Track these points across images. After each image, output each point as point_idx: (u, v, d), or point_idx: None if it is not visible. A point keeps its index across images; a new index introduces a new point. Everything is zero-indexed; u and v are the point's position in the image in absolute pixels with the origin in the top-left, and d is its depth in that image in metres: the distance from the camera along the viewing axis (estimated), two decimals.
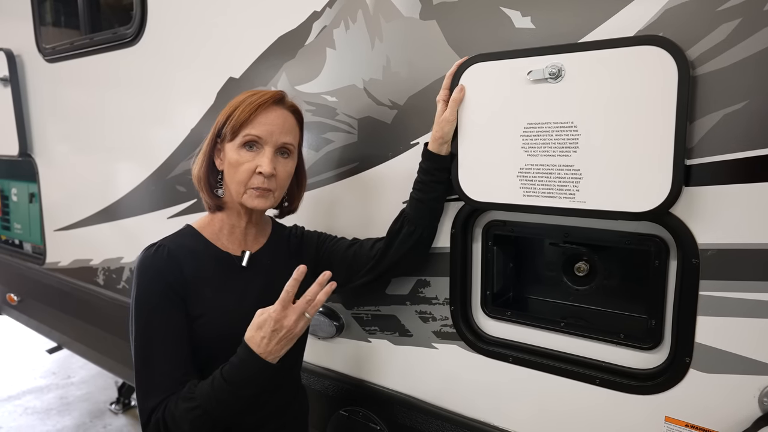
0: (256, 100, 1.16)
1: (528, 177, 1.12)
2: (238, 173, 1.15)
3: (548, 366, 1.21)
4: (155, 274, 1.11)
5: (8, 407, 3.47)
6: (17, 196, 3.02)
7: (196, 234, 1.22)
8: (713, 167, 0.96)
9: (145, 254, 1.13)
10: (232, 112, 1.16)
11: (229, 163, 1.16)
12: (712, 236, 0.98)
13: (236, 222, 1.23)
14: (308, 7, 1.47)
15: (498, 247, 1.29)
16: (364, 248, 1.35)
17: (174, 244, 1.16)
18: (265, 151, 1.15)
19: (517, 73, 1.10)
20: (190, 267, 1.14)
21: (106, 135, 2.28)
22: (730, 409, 1.00)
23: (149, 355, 1.09)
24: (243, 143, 1.15)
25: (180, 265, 1.13)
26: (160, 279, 1.11)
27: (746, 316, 0.96)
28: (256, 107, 1.15)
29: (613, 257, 1.20)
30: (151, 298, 1.10)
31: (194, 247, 1.18)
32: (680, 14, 0.96)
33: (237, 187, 1.16)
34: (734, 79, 0.92)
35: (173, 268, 1.12)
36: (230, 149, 1.16)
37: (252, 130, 1.14)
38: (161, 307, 1.10)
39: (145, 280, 1.11)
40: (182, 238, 1.20)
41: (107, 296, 2.38)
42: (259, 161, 1.15)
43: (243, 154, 1.15)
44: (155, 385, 1.07)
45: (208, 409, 1.02)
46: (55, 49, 2.45)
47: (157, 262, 1.12)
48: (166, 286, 1.10)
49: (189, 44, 1.86)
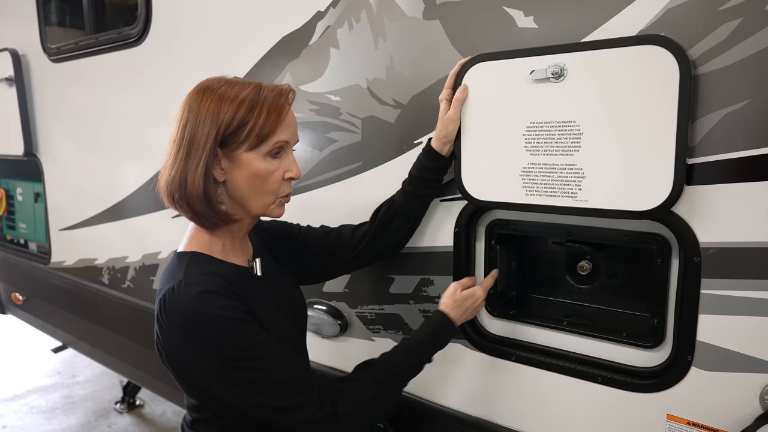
0: (279, 101, 1.00)
1: (530, 176, 1.12)
2: (268, 184, 1.01)
3: (551, 364, 1.22)
4: (224, 300, 0.96)
5: (13, 406, 3.49)
6: (22, 195, 3.03)
7: (209, 259, 1.05)
8: (715, 166, 0.96)
9: (195, 293, 0.94)
10: (247, 116, 0.97)
11: (252, 175, 1.00)
12: (714, 235, 0.98)
13: (236, 234, 1.10)
14: (312, 7, 1.48)
15: (501, 246, 1.30)
16: (343, 236, 1.33)
17: (212, 275, 1.00)
18: (288, 154, 1.04)
19: (520, 72, 1.10)
20: (237, 294, 1.00)
21: (111, 135, 2.30)
22: (731, 407, 1.00)
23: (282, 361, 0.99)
24: (271, 151, 1.00)
25: (233, 292, 0.99)
26: (232, 301, 0.97)
27: (747, 315, 0.97)
28: (282, 109, 1.01)
29: (615, 256, 1.21)
30: (241, 322, 0.96)
31: (222, 273, 1.02)
32: (682, 14, 0.96)
33: (265, 198, 1.03)
34: (735, 78, 0.93)
35: (232, 292, 0.98)
36: (252, 159, 0.99)
37: (281, 135, 1.01)
38: (254, 324, 0.99)
39: (219, 312, 0.94)
40: (199, 268, 1.01)
41: (112, 295, 2.39)
42: (285, 166, 1.03)
43: (271, 163, 1.01)
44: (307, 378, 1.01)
45: (394, 372, 1.11)
46: (60, 49, 2.46)
47: (219, 286, 0.97)
48: (243, 305, 0.99)
49: (193, 44, 1.87)
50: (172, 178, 1.00)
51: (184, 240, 1.09)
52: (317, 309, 1.59)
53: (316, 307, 1.59)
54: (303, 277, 1.32)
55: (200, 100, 0.99)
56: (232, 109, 0.97)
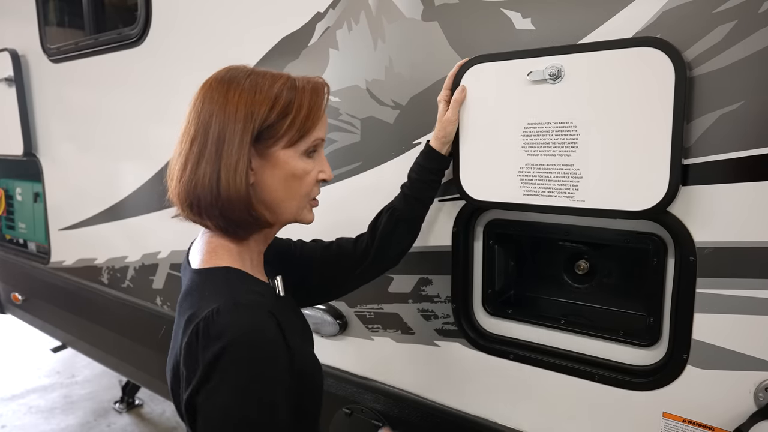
0: (320, 96, 0.93)
1: (528, 176, 1.13)
2: (304, 185, 0.93)
3: (548, 363, 1.23)
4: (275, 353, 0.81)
5: (12, 406, 3.49)
6: (22, 195, 3.04)
7: (249, 277, 0.91)
8: (710, 167, 0.97)
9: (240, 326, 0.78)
10: (286, 109, 0.88)
11: (289, 175, 0.91)
12: (709, 234, 0.99)
13: (260, 245, 0.99)
14: (311, 8, 1.49)
15: (499, 246, 1.31)
16: (345, 248, 1.22)
17: (256, 297, 0.85)
18: (321, 155, 0.97)
19: (518, 73, 1.11)
20: (283, 324, 0.84)
21: (111, 135, 2.30)
22: (726, 405, 1.02)
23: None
24: (308, 149, 0.92)
25: (282, 327, 0.83)
26: (281, 358, 0.82)
27: (742, 313, 0.98)
28: (322, 103, 0.94)
29: (612, 255, 1.22)
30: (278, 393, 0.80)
31: (268, 295, 0.91)
32: (677, 16, 0.97)
33: (300, 201, 0.94)
34: (730, 80, 0.94)
35: (281, 335, 0.82)
36: (289, 157, 0.90)
37: (320, 132, 0.94)
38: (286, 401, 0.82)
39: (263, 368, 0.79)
40: (246, 285, 0.88)
41: (112, 295, 2.39)
42: (320, 167, 0.96)
43: (307, 162, 0.93)
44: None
45: None
46: (59, 50, 2.47)
47: (268, 332, 0.80)
48: (287, 367, 0.83)
49: (193, 45, 1.88)
50: (195, 182, 0.86)
51: (203, 253, 0.92)
52: (316, 308, 1.60)
53: (316, 307, 1.60)
54: (302, 297, 1.15)
55: (226, 91, 0.88)
56: (268, 102, 0.87)
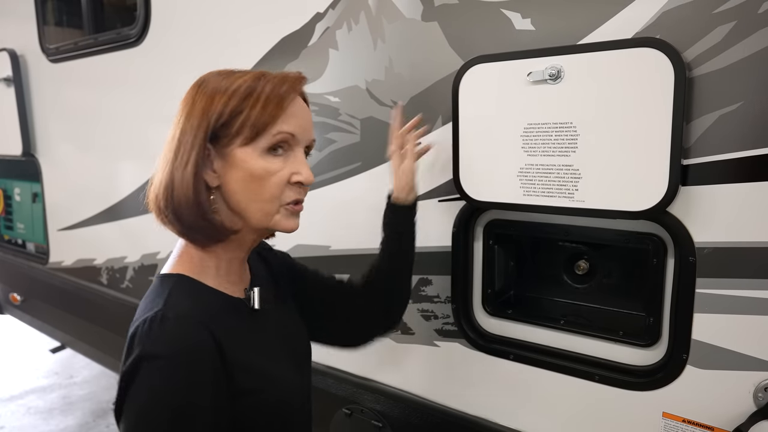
0: (281, 88, 0.85)
1: (528, 176, 1.13)
2: (267, 187, 0.84)
3: (548, 363, 1.23)
4: (198, 370, 0.77)
5: (11, 407, 3.48)
6: (20, 195, 3.03)
7: (199, 285, 0.86)
8: (709, 167, 0.98)
9: (165, 338, 0.75)
10: (241, 105, 0.82)
11: (248, 175, 0.83)
12: (709, 235, 1.00)
13: (234, 255, 0.91)
14: (311, 8, 1.49)
15: (499, 246, 1.31)
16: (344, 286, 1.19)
17: (192, 311, 0.80)
18: (297, 153, 0.88)
19: (517, 74, 1.11)
20: (223, 336, 0.80)
21: (110, 135, 2.30)
22: (725, 405, 1.02)
23: None
24: (271, 146, 0.84)
25: (216, 339, 0.79)
26: (206, 376, 0.77)
27: (741, 314, 0.98)
28: (286, 96, 0.85)
29: (612, 256, 1.22)
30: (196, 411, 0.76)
31: (208, 303, 0.85)
32: (677, 17, 0.97)
33: (265, 205, 0.85)
34: (730, 80, 0.94)
35: (213, 350, 0.78)
36: (248, 155, 0.83)
37: (284, 126, 0.84)
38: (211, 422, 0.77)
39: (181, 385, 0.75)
40: (190, 298, 0.83)
41: (111, 296, 2.39)
42: (292, 167, 0.87)
43: (271, 161, 0.84)
44: None
45: None
46: (58, 50, 2.46)
47: (193, 347, 0.77)
48: (215, 385, 0.78)
49: (193, 45, 1.88)
50: (156, 187, 0.85)
51: (170, 259, 0.90)
52: None
53: None
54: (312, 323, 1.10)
55: (194, 94, 0.85)
56: (224, 99, 0.83)
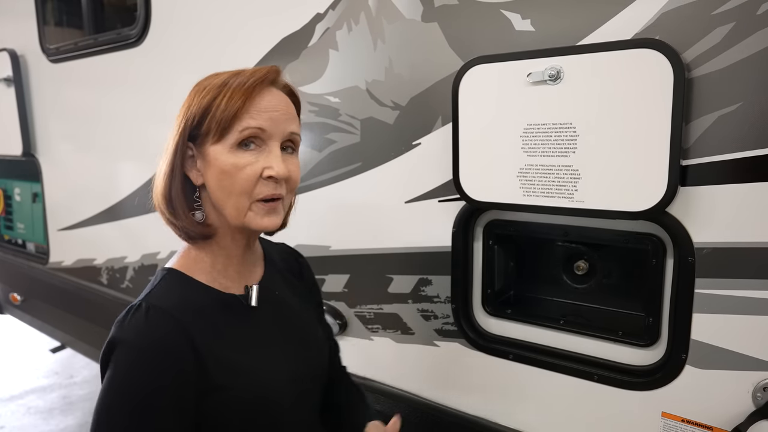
0: (247, 81, 0.85)
1: (528, 177, 1.14)
2: (237, 182, 0.84)
3: (548, 363, 1.23)
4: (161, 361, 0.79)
5: (11, 407, 3.49)
6: (20, 195, 3.03)
7: (186, 279, 0.89)
8: (708, 168, 0.98)
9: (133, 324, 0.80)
10: (211, 103, 0.84)
11: (219, 172, 0.85)
12: (708, 235, 1.00)
13: (231, 252, 0.93)
14: (311, 9, 1.49)
15: (499, 246, 1.31)
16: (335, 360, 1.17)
17: (165, 300, 0.84)
18: (271, 148, 0.86)
19: (517, 75, 1.12)
20: (199, 331, 0.83)
21: (110, 135, 2.30)
22: (724, 405, 1.02)
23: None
24: (239, 141, 0.84)
25: (189, 333, 0.82)
26: (169, 368, 0.79)
27: (740, 314, 0.99)
28: (252, 89, 0.85)
29: (611, 256, 1.22)
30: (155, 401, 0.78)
31: (189, 298, 0.87)
32: (676, 18, 0.98)
33: (237, 201, 0.85)
34: (728, 81, 0.94)
35: (182, 343, 0.80)
36: (219, 152, 0.84)
37: (251, 121, 0.84)
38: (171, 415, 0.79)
39: (137, 360, 0.78)
40: (170, 290, 0.87)
41: (111, 295, 2.39)
42: (265, 162, 0.85)
43: (240, 156, 0.84)
44: None
45: None
46: (58, 50, 2.46)
47: (159, 338, 0.79)
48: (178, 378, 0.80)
49: (193, 45, 1.88)
50: (155, 184, 0.90)
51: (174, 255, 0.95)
52: None
53: None
54: None
55: (187, 97, 0.90)
56: (197, 99, 0.86)
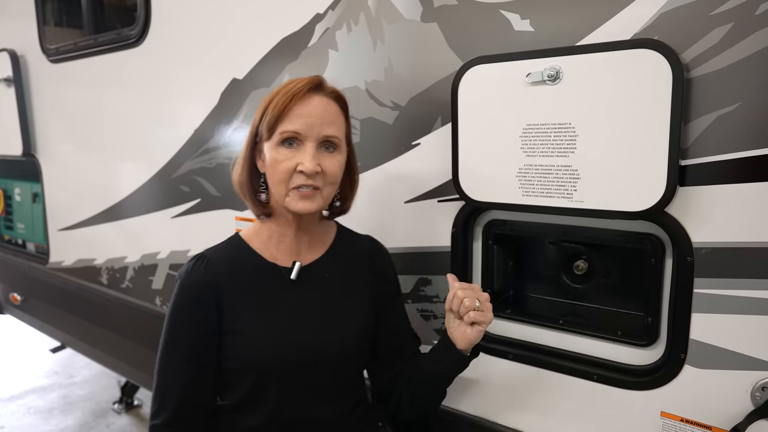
0: (290, 90, 1.05)
1: (527, 177, 1.14)
2: (277, 173, 1.05)
3: (547, 363, 1.23)
4: (191, 285, 1.08)
5: (11, 407, 3.49)
6: (20, 195, 3.03)
7: (242, 244, 1.15)
8: (707, 167, 0.98)
9: (186, 267, 1.11)
10: (266, 108, 1.07)
11: (268, 164, 1.08)
12: (706, 235, 1.00)
13: (285, 230, 1.15)
14: (311, 9, 1.49)
15: (498, 246, 1.32)
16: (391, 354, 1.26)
17: (217, 254, 1.12)
18: (306, 147, 1.05)
19: (516, 75, 1.12)
20: (229, 280, 1.09)
21: (110, 135, 2.30)
22: (723, 404, 1.02)
23: (166, 369, 1.09)
24: (281, 141, 1.05)
25: (218, 277, 1.09)
26: (195, 292, 1.08)
27: (739, 313, 0.99)
28: (290, 98, 1.04)
29: (610, 256, 1.22)
30: (184, 312, 1.08)
31: (237, 258, 1.13)
32: (675, 18, 0.98)
33: (278, 188, 1.07)
34: (727, 81, 0.94)
35: (210, 281, 1.08)
36: (268, 148, 1.07)
37: (288, 125, 1.04)
38: (189, 321, 1.08)
39: (180, 291, 1.09)
40: (227, 248, 1.15)
41: (111, 296, 2.39)
42: (300, 158, 1.04)
43: (282, 152, 1.05)
44: (166, 402, 1.09)
45: None
46: (58, 50, 2.47)
47: (194, 273, 1.09)
48: (199, 300, 1.08)
49: (193, 45, 1.88)
50: (233, 171, 1.17)
51: None
52: None
53: None
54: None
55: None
56: (262, 105, 1.09)
